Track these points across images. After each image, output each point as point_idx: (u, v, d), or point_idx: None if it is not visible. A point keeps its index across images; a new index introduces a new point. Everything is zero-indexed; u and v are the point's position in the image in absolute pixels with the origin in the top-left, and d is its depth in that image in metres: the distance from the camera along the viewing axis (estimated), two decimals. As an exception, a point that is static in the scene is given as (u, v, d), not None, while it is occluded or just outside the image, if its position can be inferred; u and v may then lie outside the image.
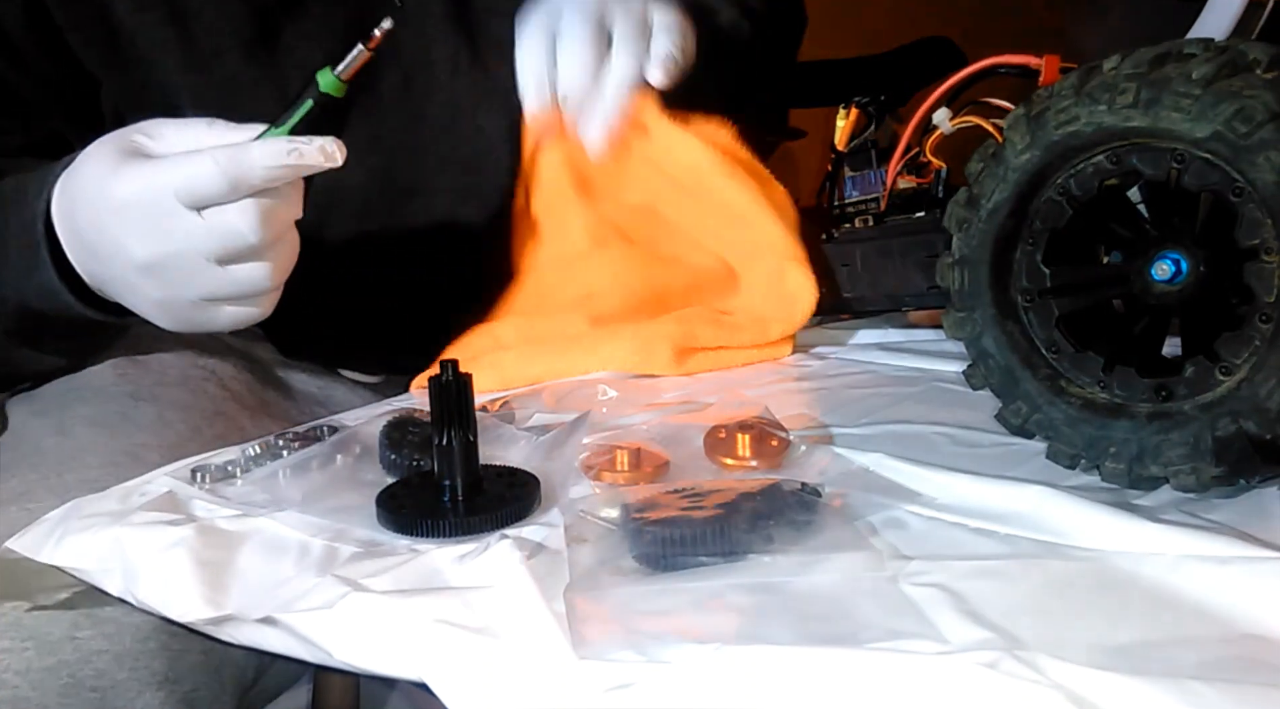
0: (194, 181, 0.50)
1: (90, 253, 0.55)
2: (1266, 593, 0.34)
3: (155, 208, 0.51)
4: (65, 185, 0.56)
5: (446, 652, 0.35)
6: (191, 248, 0.52)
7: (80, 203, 0.54)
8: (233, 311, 0.55)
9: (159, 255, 0.52)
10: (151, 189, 0.51)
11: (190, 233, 0.51)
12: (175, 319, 0.56)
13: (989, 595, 0.35)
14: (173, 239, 0.52)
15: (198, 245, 0.51)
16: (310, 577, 0.41)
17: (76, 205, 0.55)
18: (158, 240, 0.52)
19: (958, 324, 0.48)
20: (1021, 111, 0.45)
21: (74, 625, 0.48)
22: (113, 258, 0.54)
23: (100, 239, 0.54)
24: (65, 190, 0.56)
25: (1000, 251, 0.47)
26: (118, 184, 0.52)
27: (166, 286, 0.53)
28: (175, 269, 0.52)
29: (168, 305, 0.55)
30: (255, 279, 0.54)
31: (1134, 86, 0.41)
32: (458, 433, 0.45)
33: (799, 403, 0.59)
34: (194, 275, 0.53)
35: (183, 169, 0.51)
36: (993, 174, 0.46)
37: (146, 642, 0.49)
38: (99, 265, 0.55)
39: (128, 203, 0.51)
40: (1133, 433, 0.43)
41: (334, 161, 0.52)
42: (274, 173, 0.51)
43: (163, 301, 0.54)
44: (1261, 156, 0.38)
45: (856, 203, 0.70)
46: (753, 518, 0.39)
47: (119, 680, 0.48)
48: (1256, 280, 0.40)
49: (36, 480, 0.55)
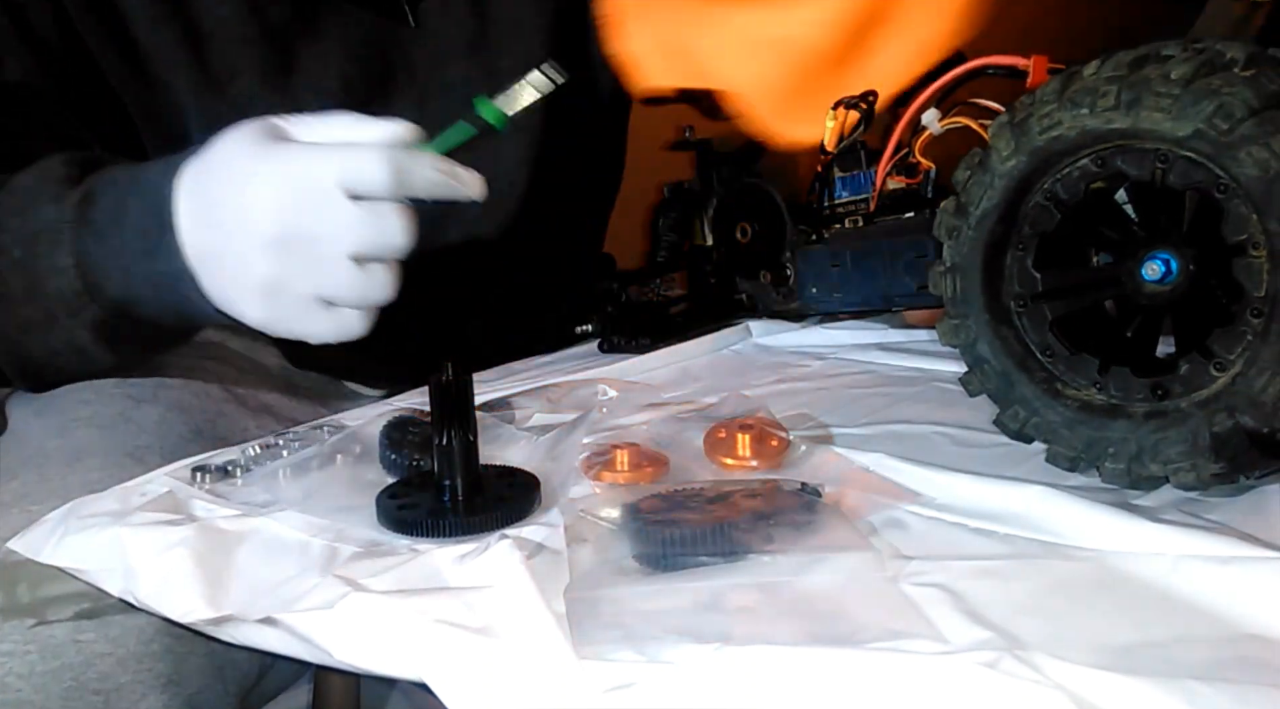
0: (361, 170, 0.49)
1: (214, 225, 0.52)
2: (1266, 593, 0.34)
3: (310, 187, 0.49)
4: (197, 165, 0.53)
5: (446, 652, 0.35)
6: (336, 233, 0.49)
7: (218, 175, 0.52)
8: (337, 318, 0.53)
9: (296, 232, 0.49)
10: (312, 169, 0.49)
11: (340, 218, 0.49)
12: (274, 311, 0.52)
13: (989, 595, 0.35)
14: (318, 219, 0.49)
15: (345, 232, 0.49)
16: (310, 576, 0.41)
17: (212, 178, 0.52)
18: (299, 216, 0.49)
19: (952, 331, 0.48)
20: (1005, 119, 0.45)
21: (77, 629, 0.48)
22: (238, 230, 0.51)
23: (231, 209, 0.51)
24: (196, 170, 0.53)
25: (991, 258, 0.47)
26: (271, 159, 0.50)
27: (287, 269, 0.50)
28: (306, 251, 0.50)
29: (277, 290, 0.51)
30: (380, 285, 0.51)
31: (1114, 89, 0.41)
32: (458, 433, 0.45)
33: (799, 403, 0.59)
34: (322, 265, 0.50)
35: (352, 157, 0.49)
36: (980, 182, 0.46)
37: (150, 645, 0.49)
38: (221, 238, 0.52)
39: (279, 177, 0.50)
40: (1131, 433, 0.43)
41: (476, 195, 0.52)
42: (433, 186, 0.50)
43: (274, 285, 0.51)
44: (1244, 152, 0.38)
45: (846, 203, 0.70)
46: (753, 518, 0.39)
47: (122, 684, 0.48)
48: (1245, 276, 0.40)
49: (37, 482, 0.55)
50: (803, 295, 0.73)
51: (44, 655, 0.47)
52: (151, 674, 0.49)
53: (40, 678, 0.47)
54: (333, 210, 0.49)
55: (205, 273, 0.53)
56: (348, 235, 0.49)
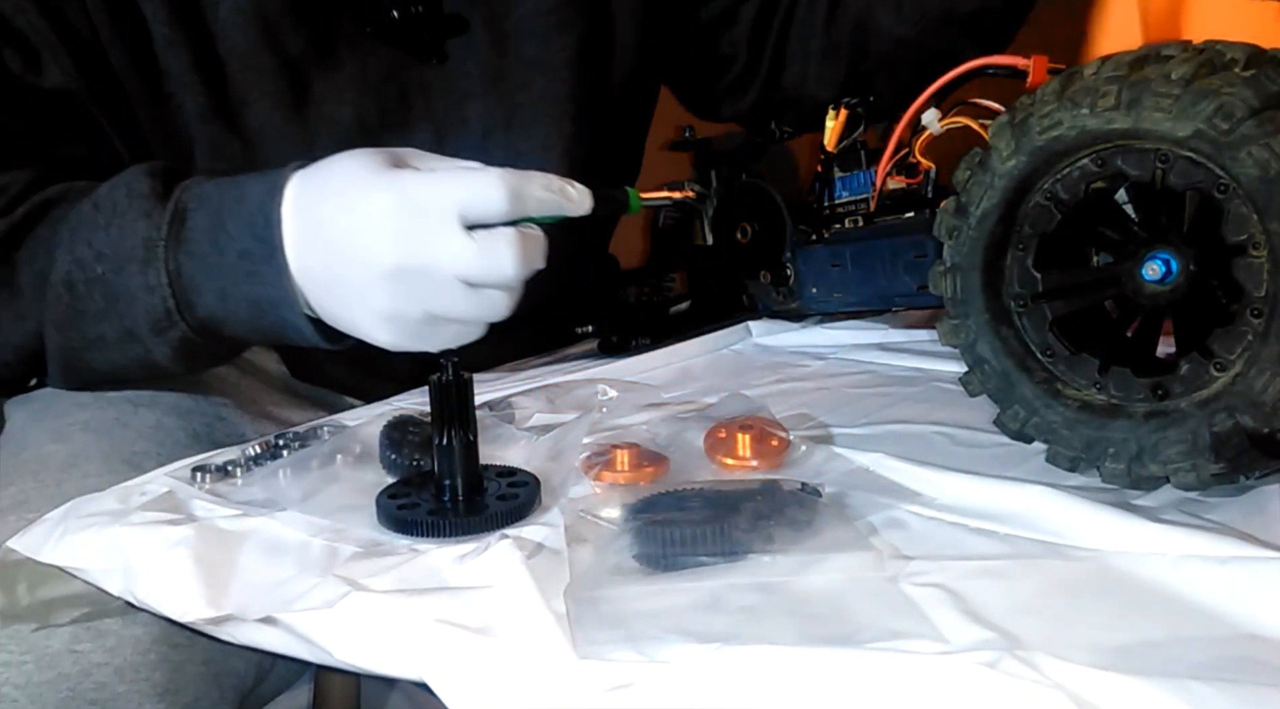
0: (478, 194, 0.49)
1: (326, 249, 0.52)
2: (1266, 593, 0.34)
3: (427, 217, 0.49)
4: (307, 186, 0.53)
5: (446, 652, 0.35)
6: (450, 265, 0.49)
7: (333, 199, 0.52)
8: (458, 331, 0.53)
9: (412, 264, 0.49)
10: (429, 196, 0.49)
11: (456, 251, 0.49)
12: (398, 332, 0.52)
13: (989, 595, 0.35)
14: (433, 252, 0.49)
15: (457, 265, 0.49)
16: (310, 576, 0.41)
17: (326, 202, 0.52)
18: (415, 249, 0.49)
19: (952, 331, 0.48)
20: (1005, 119, 0.45)
21: (73, 639, 0.48)
22: (356, 260, 0.50)
23: (346, 235, 0.51)
24: (306, 190, 0.53)
25: (991, 258, 0.47)
26: (388, 185, 0.50)
27: (404, 297, 0.50)
28: (423, 282, 0.50)
29: (397, 317, 0.51)
30: (495, 307, 0.52)
31: (1115, 89, 0.41)
32: (458, 433, 0.45)
33: (799, 403, 0.59)
34: (438, 292, 0.50)
35: (470, 181, 0.50)
36: (980, 182, 0.46)
37: (146, 654, 0.49)
38: (336, 263, 0.51)
39: (397, 206, 0.49)
40: (1131, 433, 0.43)
41: (584, 209, 0.53)
42: (546, 202, 0.51)
43: (394, 313, 0.51)
44: (1244, 152, 0.38)
45: (846, 203, 0.70)
46: (753, 518, 0.39)
47: (119, 693, 0.48)
48: (1245, 276, 0.40)
49: (34, 488, 0.55)
50: (803, 295, 0.73)
51: (40, 666, 0.47)
52: (148, 684, 0.49)
53: (37, 688, 0.47)
54: (445, 240, 0.49)
55: (316, 293, 0.53)
56: (459, 266, 0.49)
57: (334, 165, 0.52)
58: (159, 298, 0.55)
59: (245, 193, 0.54)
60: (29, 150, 0.62)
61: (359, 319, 0.52)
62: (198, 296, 0.55)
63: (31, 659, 0.47)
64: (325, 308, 0.53)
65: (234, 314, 0.55)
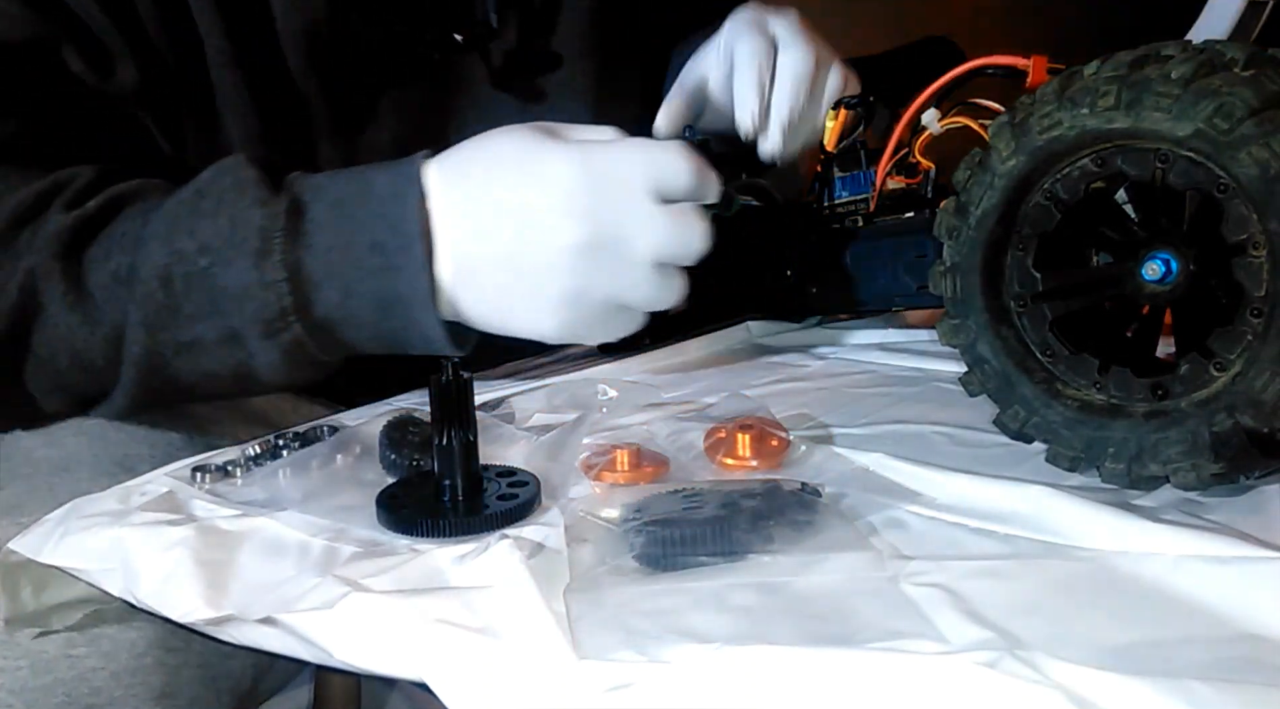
0: (667, 167, 0.47)
1: (507, 232, 0.48)
2: (1266, 593, 0.34)
3: (620, 187, 0.46)
4: (456, 168, 0.49)
5: (446, 652, 0.35)
6: (645, 240, 0.47)
7: (505, 176, 0.48)
8: (628, 320, 0.50)
9: (605, 239, 0.46)
10: (620, 167, 0.47)
11: (652, 225, 0.47)
12: (573, 319, 0.49)
13: (989, 595, 0.35)
14: (628, 225, 0.46)
15: (653, 240, 0.47)
16: (310, 576, 0.41)
17: (496, 180, 0.48)
18: (608, 222, 0.46)
19: (952, 331, 0.48)
20: (1005, 119, 0.45)
21: (69, 643, 0.48)
22: (538, 238, 0.47)
23: (528, 213, 0.47)
24: (458, 173, 0.49)
25: (991, 258, 0.47)
26: (576, 157, 0.47)
27: (591, 276, 0.47)
28: (612, 260, 0.47)
29: (579, 299, 0.48)
30: (674, 291, 0.49)
31: (1115, 88, 0.41)
32: (458, 433, 0.45)
33: (799, 403, 0.59)
34: (628, 271, 0.47)
35: (657, 153, 0.47)
36: (980, 182, 0.46)
37: (142, 658, 0.49)
38: (515, 244, 0.47)
39: (586, 176, 0.46)
40: (1131, 433, 0.43)
41: (715, 198, 0.52)
42: (714, 188, 0.50)
43: (576, 295, 0.48)
44: (1244, 152, 0.38)
45: (846, 203, 0.70)
46: (753, 518, 0.39)
47: (116, 698, 0.48)
48: (1245, 276, 0.40)
49: (27, 492, 0.55)
50: (802, 295, 0.73)
51: (36, 671, 0.47)
52: (145, 688, 0.49)
53: (32, 693, 0.47)
54: (643, 212, 0.47)
55: (472, 284, 0.49)
56: (654, 238, 0.47)
57: (492, 141, 0.49)
58: (274, 295, 0.49)
59: (371, 181, 0.50)
60: (86, 150, 0.59)
61: (529, 306, 0.48)
62: (317, 294, 0.49)
63: (27, 664, 0.47)
64: (482, 300, 0.49)
65: (356, 314, 0.50)
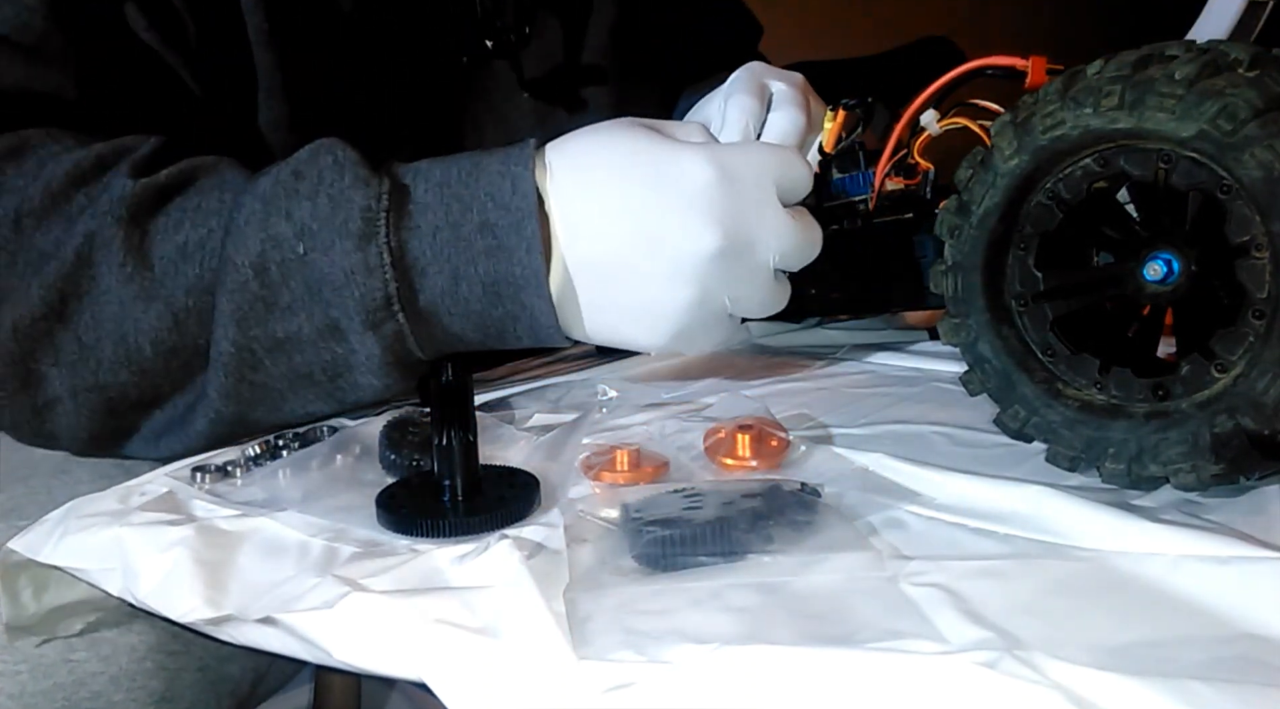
0: (789, 169, 0.46)
1: (636, 234, 0.45)
2: (1266, 593, 0.34)
3: (751, 191, 0.45)
4: (574, 160, 0.47)
5: (446, 652, 0.35)
6: (772, 245, 0.46)
7: (630, 174, 0.46)
8: (729, 329, 0.48)
9: (738, 244, 0.45)
10: (749, 168, 0.45)
11: (780, 230, 0.45)
12: (687, 328, 0.47)
13: (989, 595, 0.35)
14: (757, 230, 0.45)
15: (779, 245, 0.46)
16: (310, 576, 0.41)
17: (625, 178, 0.46)
18: (740, 226, 0.45)
19: (953, 330, 0.48)
20: (1008, 118, 0.45)
21: (69, 648, 0.48)
22: (669, 241, 0.45)
23: (662, 217, 0.45)
24: (577, 166, 0.46)
25: (992, 257, 0.47)
26: (705, 157, 0.45)
27: (717, 282, 0.45)
28: (738, 266, 0.45)
29: (701, 306, 0.46)
30: (782, 295, 0.48)
31: (1118, 88, 0.41)
32: (458, 433, 0.45)
33: (799, 403, 0.59)
34: (750, 277, 0.46)
35: (779, 155, 0.46)
36: (982, 180, 0.46)
37: (142, 662, 0.49)
38: (642, 246, 0.45)
39: (719, 178, 0.44)
40: (1131, 433, 0.43)
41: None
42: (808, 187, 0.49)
43: (700, 301, 0.46)
44: (1247, 153, 0.38)
45: (845, 204, 0.70)
46: (753, 518, 0.39)
47: (115, 702, 0.48)
48: (1247, 277, 0.40)
49: (24, 494, 0.54)
50: (802, 296, 0.73)
51: (35, 675, 0.47)
52: (144, 692, 0.49)
53: (32, 698, 0.47)
54: (773, 216, 0.46)
55: (592, 287, 0.47)
56: (780, 245, 0.46)
57: (605, 133, 0.47)
58: (379, 280, 0.46)
59: (478, 163, 0.47)
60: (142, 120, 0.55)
61: (645, 315, 0.46)
62: (422, 279, 0.47)
63: (26, 668, 0.47)
64: (591, 304, 0.47)
65: (463, 302, 0.47)
